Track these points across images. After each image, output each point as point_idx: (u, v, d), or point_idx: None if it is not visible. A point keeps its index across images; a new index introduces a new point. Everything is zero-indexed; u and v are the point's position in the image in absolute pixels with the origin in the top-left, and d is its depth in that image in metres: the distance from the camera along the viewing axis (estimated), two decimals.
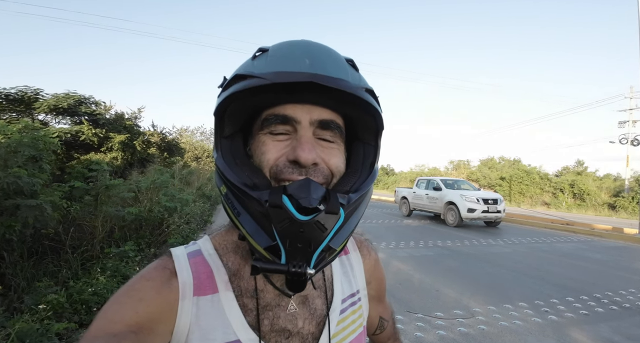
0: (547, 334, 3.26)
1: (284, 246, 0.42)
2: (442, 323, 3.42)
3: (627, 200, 20.82)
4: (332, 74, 0.45)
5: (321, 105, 0.49)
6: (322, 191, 0.44)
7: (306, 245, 0.42)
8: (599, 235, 10.19)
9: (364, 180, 0.53)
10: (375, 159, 0.56)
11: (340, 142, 0.53)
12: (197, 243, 0.59)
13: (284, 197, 0.42)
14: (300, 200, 0.42)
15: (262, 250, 0.45)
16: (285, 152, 0.48)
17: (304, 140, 0.48)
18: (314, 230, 0.42)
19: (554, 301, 4.15)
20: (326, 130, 0.50)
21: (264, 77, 0.45)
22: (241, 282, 0.54)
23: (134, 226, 5.40)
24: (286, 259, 0.43)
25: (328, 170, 0.50)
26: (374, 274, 0.70)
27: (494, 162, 33.91)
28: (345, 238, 0.48)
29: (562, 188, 25.30)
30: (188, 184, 12.20)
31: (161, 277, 0.51)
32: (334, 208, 0.43)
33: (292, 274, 0.42)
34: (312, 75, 0.44)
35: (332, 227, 0.43)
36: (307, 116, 0.48)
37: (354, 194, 0.49)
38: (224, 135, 0.53)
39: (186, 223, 6.61)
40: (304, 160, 0.46)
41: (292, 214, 0.41)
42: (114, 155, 11.00)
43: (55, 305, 2.81)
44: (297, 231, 0.42)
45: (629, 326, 3.51)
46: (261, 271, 0.44)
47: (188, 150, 23.43)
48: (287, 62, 0.46)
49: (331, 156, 0.50)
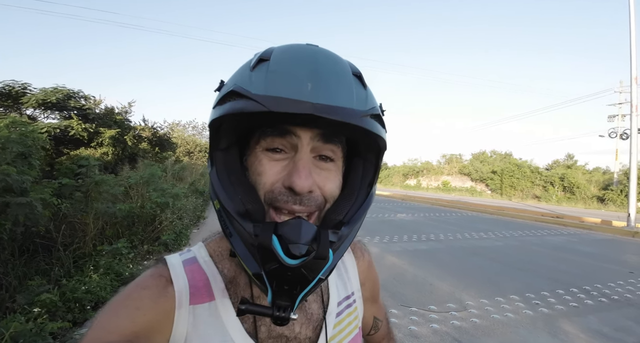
0: (538, 326, 3.32)
1: (271, 286, 0.43)
2: (435, 316, 3.47)
3: (616, 193, 21.23)
4: (336, 102, 0.43)
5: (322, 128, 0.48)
6: (312, 232, 0.43)
7: (292, 288, 0.43)
8: (588, 228, 10.37)
9: (359, 205, 0.52)
10: (374, 178, 0.55)
11: (339, 158, 0.52)
12: (191, 250, 0.58)
13: (273, 238, 0.42)
14: (290, 247, 0.42)
15: (251, 275, 0.46)
16: (282, 178, 0.47)
17: (301, 165, 0.46)
18: (301, 276, 0.42)
19: (545, 294, 4.22)
20: (327, 144, 0.49)
21: (261, 102, 0.42)
22: (237, 289, 0.54)
23: (126, 223, 5.36)
24: (272, 299, 0.43)
25: (322, 198, 0.49)
26: (368, 275, 0.71)
27: (486, 156, 34.24)
28: (333, 267, 0.48)
29: (552, 182, 25.67)
30: (180, 179, 12.11)
31: (157, 285, 0.51)
32: (323, 254, 0.42)
33: (275, 318, 0.43)
34: (314, 107, 0.41)
35: (320, 270, 0.43)
36: (307, 132, 0.47)
37: (346, 228, 0.48)
38: (220, 147, 0.51)
39: (179, 219, 6.57)
40: (300, 188, 0.45)
41: (281, 258, 0.41)
42: (105, 151, 10.84)
43: (49, 304, 2.79)
44: (284, 274, 0.42)
45: (617, 318, 3.58)
46: (247, 313, 0.44)
47: (180, 145, 23.21)
48: (287, 86, 0.43)
49: (327, 181, 0.49)
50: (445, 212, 13.76)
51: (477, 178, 31.58)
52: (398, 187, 37.08)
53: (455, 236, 8.16)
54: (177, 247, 5.73)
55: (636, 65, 9.58)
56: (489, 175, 30.20)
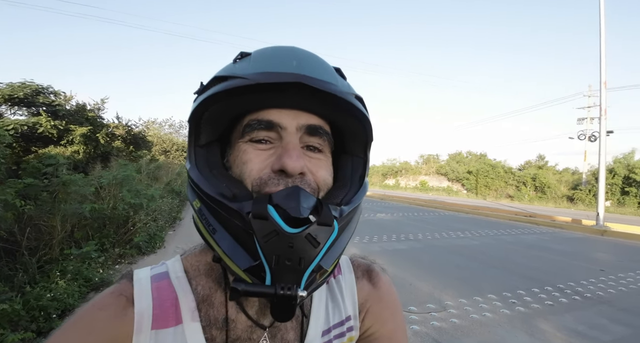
0: (516, 325, 3.37)
1: (270, 264, 0.36)
2: (415, 317, 3.47)
3: (585, 193, 22.20)
4: (321, 76, 0.42)
5: (308, 111, 0.45)
6: (313, 200, 0.39)
7: (296, 263, 0.36)
8: (559, 226, 10.74)
9: (354, 193, 0.48)
10: (365, 171, 0.52)
11: (327, 152, 0.48)
12: (165, 264, 0.52)
13: (269, 207, 0.37)
14: (289, 210, 0.37)
15: (241, 273, 0.38)
16: (270, 162, 0.43)
17: (291, 146, 0.43)
18: (305, 245, 0.36)
19: (521, 292, 4.30)
20: (314, 137, 0.45)
21: (247, 78, 0.41)
22: (210, 310, 0.47)
23: (96, 225, 5.13)
24: (272, 280, 0.37)
25: (315, 183, 0.45)
26: (377, 302, 0.58)
27: (462, 157, 35.03)
28: (336, 258, 0.42)
29: (524, 182, 26.55)
30: (156, 179, 11.77)
31: (115, 305, 0.44)
32: (327, 220, 0.38)
33: (280, 298, 0.36)
34: (300, 76, 0.40)
35: (325, 241, 0.38)
36: (293, 122, 0.44)
37: (346, 207, 0.44)
38: (199, 143, 0.47)
39: (153, 221, 6.36)
40: (291, 168, 0.41)
41: (280, 226, 0.36)
42: (75, 149, 10.44)
43: (10, 314, 2.60)
44: (285, 246, 0.36)
45: (591, 316, 3.68)
46: (243, 294, 0.37)
47: (156, 143, 22.63)
48: (272, 63, 0.42)
49: (318, 167, 0.46)
50: (424, 212, 13.96)
51: (453, 178, 32.29)
52: (377, 187, 37.42)
53: (434, 235, 8.27)
54: (151, 250, 5.55)
55: (605, 70, 9.99)
56: (464, 175, 30.94)
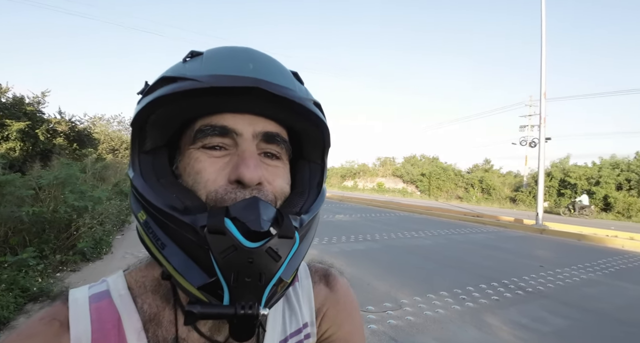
0: (466, 320, 3.54)
1: (228, 282, 0.34)
2: (373, 317, 3.53)
3: (525, 194, 24.02)
4: (279, 81, 0.40)
5: (265, 116, 0.42)
6: (272, 212, 0.37)
7: (256, 279, 0.34)
8: (504, 226, 11.48)
9: (312, 201, 0.46)
10: (322, 178, 0.50)
11: (285, 159, 0.46)
12: (106, 281, 0.46)
13: (226, 220, 0.34)
14: (249, 223, 0.34)
15: (195, 291, 0.35)
16: (226, 173, 0.40)
17: (247, 155, 0.40)
18: (266, 259, 0.34)
19: (470, 289, 4.53)
20: (272, 144, 0.43)
21: (199, 80, 0.38)
22: (158, 330, 0.43)
23: (34, 229, 4.71)
24: (231, 299, 0.34)
25: (272, 194, 0.42)
26: (334, 306, 0.57)
27: (416, 160, 36.37)
28: (296, 268, 0.40)
29: (472, 184, 28.13)
30: (103, 180, 11.07)
31: (46, 333, 0.39)
32: (288, 232, 0.36)
33: (240, 318, 0.34)
34: (257, 80, 0.38)
35: (287, 254, 0.36)
36: (249, 128, 0.41)
37: (305, 216, 0.42)
38: (144, 149, 0.43)
39: (99, 225, 5.96)
40: (249, 179, 0.38)
41: (238, 241, 0.33)
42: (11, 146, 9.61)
43: None
44: (244, 262, 0.33)
45: (533, 309, 3.95)
46: (200, 318, 0.34)
47: (103, 141, 21.29)
48: (227, 65, 0.40)
49: (275, 176, 0.43)
50: (380, 212, 14.31)
51: (408, 180, 33.47)
52: (336, 188, 37.86)
53: (390, 236, 8.50)
54: (97, 256, 5.20)
55: (545, 82, 10.86)
56: (418, 177, 32.18)
